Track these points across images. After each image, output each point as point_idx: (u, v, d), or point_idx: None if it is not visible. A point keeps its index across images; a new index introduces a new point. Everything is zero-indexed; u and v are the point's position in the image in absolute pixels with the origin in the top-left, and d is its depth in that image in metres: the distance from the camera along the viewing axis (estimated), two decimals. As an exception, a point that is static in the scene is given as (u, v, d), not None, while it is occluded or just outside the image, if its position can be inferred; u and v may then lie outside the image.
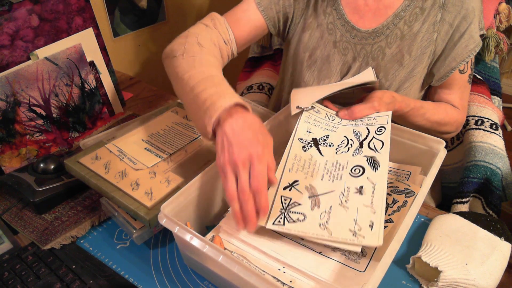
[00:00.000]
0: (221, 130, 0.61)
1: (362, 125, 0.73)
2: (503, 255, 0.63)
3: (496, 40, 0.96)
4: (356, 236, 0.57)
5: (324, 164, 0.69)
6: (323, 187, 0.65)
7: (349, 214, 0.60)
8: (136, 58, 1.57)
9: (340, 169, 0.67)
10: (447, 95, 0.89)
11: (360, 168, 0.66)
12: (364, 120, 0.75)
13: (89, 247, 0.71)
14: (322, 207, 0.62)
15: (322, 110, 0.78)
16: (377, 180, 0.64)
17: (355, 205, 0.61)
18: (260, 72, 1.30)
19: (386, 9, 0.82)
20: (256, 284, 0.50)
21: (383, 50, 0.84)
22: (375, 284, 0.51)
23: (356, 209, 0.60)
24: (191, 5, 1.69)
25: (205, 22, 0.84)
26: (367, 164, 0.66)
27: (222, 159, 0.59)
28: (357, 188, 0.63)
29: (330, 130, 0.74)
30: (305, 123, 0.75)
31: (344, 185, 0.64)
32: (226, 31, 0.84)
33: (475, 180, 0.93)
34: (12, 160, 0.86)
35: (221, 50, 0.82)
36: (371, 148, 0.69)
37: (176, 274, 0.66)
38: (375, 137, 0.70)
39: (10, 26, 0.81)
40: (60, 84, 0.90)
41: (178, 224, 0.57)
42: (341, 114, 0.76)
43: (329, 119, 0.77)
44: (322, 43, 0.88)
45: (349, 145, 0.71)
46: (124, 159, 0.74)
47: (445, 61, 0.83)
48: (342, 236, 0.58)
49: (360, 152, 0.69)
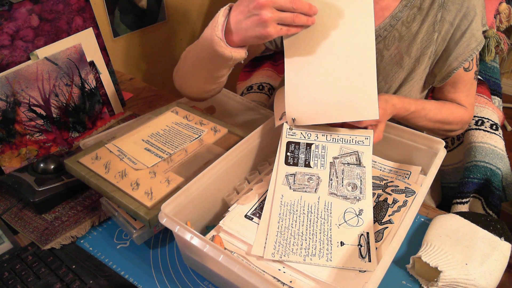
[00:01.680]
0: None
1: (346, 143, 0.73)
2: (503, 255, 0.63)
3: (496, 40, 0.96)
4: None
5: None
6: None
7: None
8: (136, 58, 1.57)
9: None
10: (453, 94, 0.88)
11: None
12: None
13: (89, 247, 0.71)
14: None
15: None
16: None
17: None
18: (260, 72, 1.30)
19: (383, 11, 0.82)
20: (256, 284, 0.50)
21: (381, 53, 0.83)
22: (375, 284, 0.51)
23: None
24: (191, 5, 1.69)
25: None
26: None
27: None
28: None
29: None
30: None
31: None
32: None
33: (475, 180, 0.93)
34: (12, 160, 0.86)
35: None
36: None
37: (176, 274, 0.66)
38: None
39: (10, 26, 0.81)
40: (60, 84, 0.90)
41: (178, 223, 0.57)
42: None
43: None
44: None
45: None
46: (124, 159, 0.74)
47: (447, 61, 0.82)
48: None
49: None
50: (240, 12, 0.63)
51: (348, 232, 0.63)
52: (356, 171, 0.69)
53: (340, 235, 0.62)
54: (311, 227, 0.63)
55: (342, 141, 0.72)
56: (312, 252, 0.60)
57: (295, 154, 0.71)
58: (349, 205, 0.66)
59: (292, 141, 0.72)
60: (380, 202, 0.69)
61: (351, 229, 0.63)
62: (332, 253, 0.60)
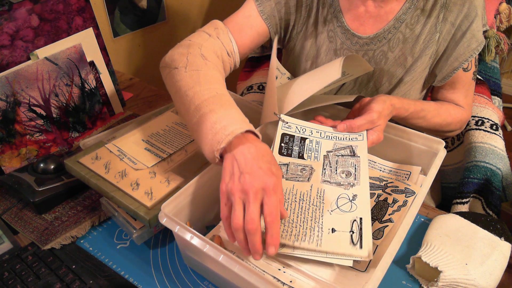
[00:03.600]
0: (230, 156, 0.58)
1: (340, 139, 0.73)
2: (503, 255, 0.63)
3: (496, 40, 0.96)
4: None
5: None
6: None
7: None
8: (136, 58, 1.57)
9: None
10: (451, 94, 0.88)
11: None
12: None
13: (89, 247, 0.71)
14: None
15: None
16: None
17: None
18: (260, 72, 1.30)
19: (387, 14, 0.82)
20: (256, 284, 0.50)
21: (385, 55, 0.84)
22: (375, 284, 0.51)
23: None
24: (191, 5, 1.69)
25: (208, 31, 0.80)
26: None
27: (230, 186, 0.55)
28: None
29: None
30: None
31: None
32: (230, 43, 0.81)
33: (475, 180, 0.93)
34: (12, 160, 0.86)
35: (224, 62, 0.80)
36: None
37: (176, 274, 0.66)
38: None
39: (10, 26, 0.81)
40: (60, 84, 0.90)
41: (178, 223, 0.57)
42: (340, 128, 0.73)
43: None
44: (323, 52, 0.88)
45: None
46: (124, 159, 0.74)
47: (447, 61, 0.82)
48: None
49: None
50: (231, 173, 0.58)
51: (340, 218, 0.61)
52: (350, 161, 0.68)
53: (332, 221, 0.61)
54: (302, 214, 0.62)
55: (336, 138, 0.72)
56: (302, 238, 0.59)
57: (289, 146, 0.71)
58: (343, 191, 0.65)
59: (287, 133, 0.72)
60: (380, 201, 0.69)
61: (343, 215, 0.62)
62: (323, 239, 0.59)
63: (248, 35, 0.84)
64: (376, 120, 0.71)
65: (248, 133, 0.60)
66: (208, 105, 0.64)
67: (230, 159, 0.58)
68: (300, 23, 0.89)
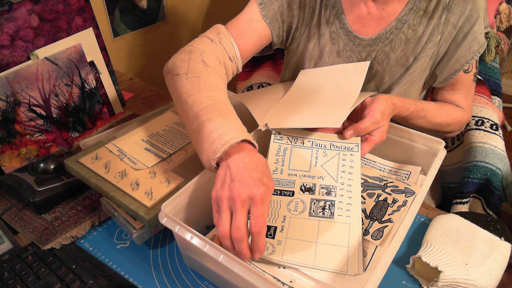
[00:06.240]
0: (225, 164, 0.58)
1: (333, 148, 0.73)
2: (503, 255, 0.63)
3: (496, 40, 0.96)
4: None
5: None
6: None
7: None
8: (136, 58, 1.58)
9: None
10: (452, 96, 0.88)
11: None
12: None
13: (89, 247, 0.71)
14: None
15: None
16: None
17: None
18: (260, 72, 1.30)
19: (389, 16, 0.82)
20: (256, 284, 0.50)
21: (387, 55, 0.84)
22: (375, 284, 0.51)
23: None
24: (191, 5, 1.69)
25: (210, 36, 0.80)
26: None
27: (220, 193, 0.56)
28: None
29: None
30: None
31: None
32: (232, 48, 0.81)
33: (475, 180, 0.93)
34: (12, 160, 0.86)
35: (226, 67, 0.79)
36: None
37: (176, 274, 0.66)
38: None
39: (10, 26, 0.81)
40: (60, 84, 0.90)
41: (178, 223, 0.57)
42: (347, 135, 0.73)
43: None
44: (326, 53, 0.88)
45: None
46: (124, 159, 0.74)
47: (448, 62, 0.82)
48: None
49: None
50: (222, 180, 0.58)
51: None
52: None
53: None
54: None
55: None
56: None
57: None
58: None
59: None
60: (380, 201, 0.69)
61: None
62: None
63: (251, 38, 0.84)
64: (380, 121, 0.72)
65: (245, 143, 0.61)
66: (206, 113, 0.64)
67: (224, 168, 0.58)
68: (303, 24, 0.89)
